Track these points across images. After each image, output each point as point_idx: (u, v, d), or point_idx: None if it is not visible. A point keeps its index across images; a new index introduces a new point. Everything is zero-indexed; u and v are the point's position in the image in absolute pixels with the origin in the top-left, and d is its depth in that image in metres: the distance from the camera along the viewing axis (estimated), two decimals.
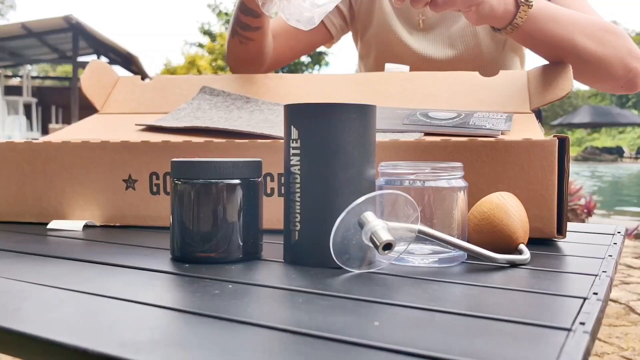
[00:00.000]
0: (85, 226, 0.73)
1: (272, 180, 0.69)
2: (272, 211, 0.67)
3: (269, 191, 0.69)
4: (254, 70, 1.03)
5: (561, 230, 0.64)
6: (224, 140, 0.71)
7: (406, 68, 0.95)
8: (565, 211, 0.64)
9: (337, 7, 1.13)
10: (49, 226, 0.73)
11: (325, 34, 1.15)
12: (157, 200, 0.73)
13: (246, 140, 0.71)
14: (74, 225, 0.72)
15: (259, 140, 0.70)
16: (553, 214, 0.63)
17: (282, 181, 0.67)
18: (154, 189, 0.72)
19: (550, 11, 0.83)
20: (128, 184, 0.73)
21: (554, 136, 0.63)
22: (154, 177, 0.72)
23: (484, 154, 0.64)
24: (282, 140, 0.69)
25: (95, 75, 0.97)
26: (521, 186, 0.63)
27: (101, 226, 0.74)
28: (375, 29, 1.14)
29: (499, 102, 0.82)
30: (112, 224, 0.74)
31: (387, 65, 0.90)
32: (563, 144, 0.63)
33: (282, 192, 0.68)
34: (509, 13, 0.80)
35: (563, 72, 0.80)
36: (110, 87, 0.98)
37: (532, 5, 0.80)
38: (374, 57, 1.16)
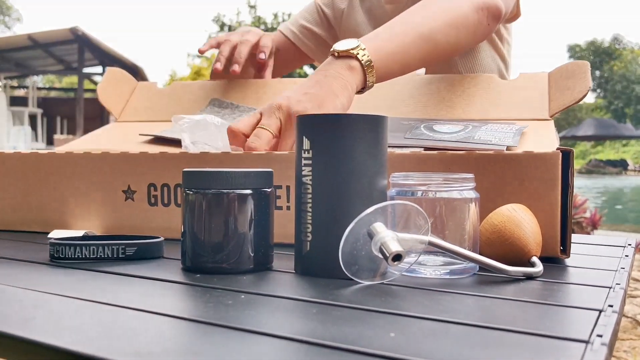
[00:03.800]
0: (85, 237, 0.73)
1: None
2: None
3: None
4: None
5: (565, 250, 0.60)
6: (219, 152, 0.70)
7: (421, 71, 0.93)
8: (569, 229, 0.59)
9: (315, 33, 1.13)
10: (49, 235, 0.73)
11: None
12: (155, 212, 0.72)
13: (241, 152, 0.70)
14: (74, 235, 0.72)
15: (255, 152, 0.69)
16: (556, 231, 0.59)
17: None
18: (152, 200, 0.72)
19: (393, 46, 0.77)
20: (127, 195, 0.73)
21: (558, 149, 0.60)
22: (152, 188, 0.72)
23: (482, 167, 0.61)
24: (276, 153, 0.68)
25: (112, 84, 0.97)
26: (522, 202, 0.59)
27: (100, 236, 0.74)
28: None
29: (517, 107, 0.78)
30: (111, 235, 0.74)
31: None
32: (567, 158, 0.59)
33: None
34: (357, 87, 0.74)
35: (579, 72, 0.76)
36: (128, 95, 0.98)
37: (373, 67, 0.74)
38: None
